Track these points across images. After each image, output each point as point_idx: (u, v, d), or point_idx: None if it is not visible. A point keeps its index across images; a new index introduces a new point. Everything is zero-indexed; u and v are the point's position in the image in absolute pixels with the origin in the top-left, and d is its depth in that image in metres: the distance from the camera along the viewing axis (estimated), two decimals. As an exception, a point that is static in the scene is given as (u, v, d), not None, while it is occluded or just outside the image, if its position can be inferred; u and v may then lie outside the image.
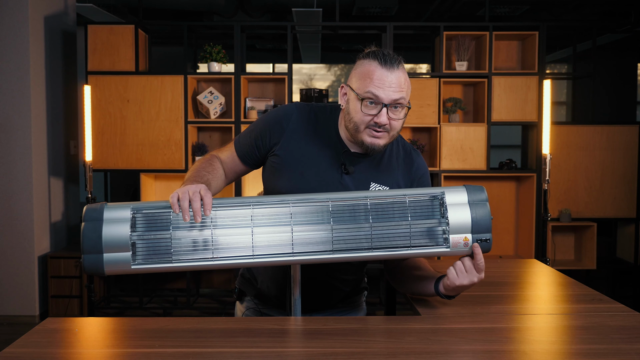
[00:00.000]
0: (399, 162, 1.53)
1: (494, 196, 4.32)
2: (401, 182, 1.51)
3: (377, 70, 1.36)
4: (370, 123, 1.37)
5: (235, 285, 1.67)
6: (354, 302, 1.65)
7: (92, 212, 1.28)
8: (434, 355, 1.13)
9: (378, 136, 1.39)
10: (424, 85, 4.12)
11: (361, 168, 1.47)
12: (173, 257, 1.27)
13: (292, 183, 1.43)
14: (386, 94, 1.35)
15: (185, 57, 4.24)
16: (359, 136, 1.40)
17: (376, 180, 1.47)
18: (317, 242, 1.29)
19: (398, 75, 1.37)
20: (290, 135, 1.46)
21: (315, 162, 1.45)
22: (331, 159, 1.46)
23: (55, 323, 1.33)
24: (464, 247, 1.33)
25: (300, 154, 1.45)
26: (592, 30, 4.41)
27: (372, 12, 5.64)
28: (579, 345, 1.21)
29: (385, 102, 1.36)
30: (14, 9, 3.97)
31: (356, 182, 1.46)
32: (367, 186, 1.47)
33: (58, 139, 4.39)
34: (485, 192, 1.35)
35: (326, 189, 1.42)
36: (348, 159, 1.46)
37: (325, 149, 1.46)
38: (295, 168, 1.45)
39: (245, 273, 1.64)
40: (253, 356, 1.12)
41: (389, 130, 1.39)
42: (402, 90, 1.38)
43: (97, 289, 4.16)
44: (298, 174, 1.44)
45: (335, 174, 1.45)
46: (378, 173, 1.49)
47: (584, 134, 4.30)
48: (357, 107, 1.38)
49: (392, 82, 1.36)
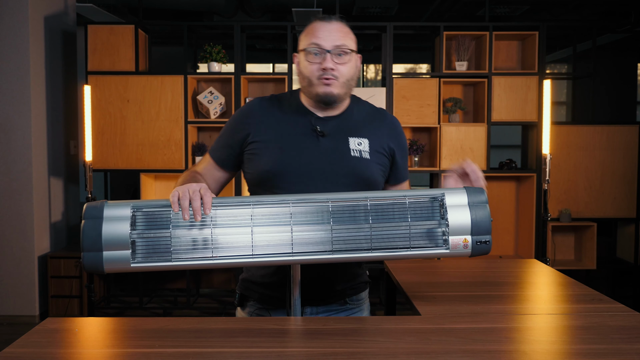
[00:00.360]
0: (370, 117, 1.59)
1: (494, 196, 4.32)
2: (378, 134, 1.56)
3: (317, 25, 1.48)
4: (319, 73, 1.46)
5: (236, 290, 1.66)
6: (358, 299, 1.62)
7: (92, 209, 1.28)
8: (434, 355, 1.13)
9: (329, 83, 1.46)
10: (424, 85, 4.12)
11: (334, 128, 1.52)
12: (173, 256, 1.27)
13: (274, 158, 1.48)
14: (327, 42, 1.45)
15: (185, 57, 4.24)
16: (313, 90, 1.48)
17: (352, 134, 1.53)
18: (316, 242, 1.29)
19: (337, 25, 1.48)
20: (259, 122, 1.53)
21: (290, 135, 1.50)
22: (304, 128, 1.51)
23: (55, 323, 1.33)
24: (463, 249, 1.32)
25: (274, 132, 1.51)
26: (592, 30, 4.41)
27: (372, 12, 5.64)
28: (579, 345, 1.21)
29: (327, 48, 1.45)
30: (14, 9, 3.97)
31: (333, 141, 1.50)
32: (346, 143, 1.51)
33: (58, 139, 4.39)
34: (485, 194, 1.36)
35: (306, 156, 1.48)
36: (319, 123, 1.52)
37: (295, 122, 1.53)
38: (274, 145, 1.49)
39: (248, 277, 1.62)
40: (253, 356, 1.12)
41: (338, 76, 1.46)
42: (343, 37, 1.47)
43: (97, 289, 4.16)
44: (277, 150, 1.49)
45: (311, 140, 1.50)
46: (352, 129, 1.54)
47: (584, 134, 4.30)
48: (305, 62, 1.48)
49: (332, 31, 1.46)
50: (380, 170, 1.55)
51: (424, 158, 4.36)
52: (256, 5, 5.61)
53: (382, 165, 1.55)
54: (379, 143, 1.55)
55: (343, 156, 1.49)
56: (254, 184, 1.55)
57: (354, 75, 1.50)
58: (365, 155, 1.51)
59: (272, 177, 1.48)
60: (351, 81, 1.50)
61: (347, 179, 1.49)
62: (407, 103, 4.13)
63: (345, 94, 1.51)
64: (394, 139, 1.58)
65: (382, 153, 1.55)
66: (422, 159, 4.35)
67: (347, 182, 1.48)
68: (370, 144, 1.53)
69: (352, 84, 1.51)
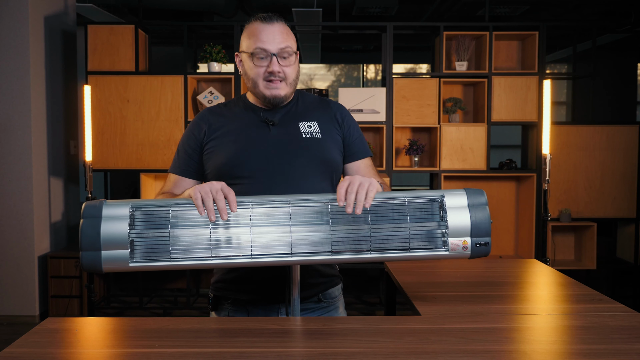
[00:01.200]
0: (316, 104, 1.63)
1: (494, 196, 4.32)
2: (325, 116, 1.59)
3: (260, 27, 1.50)
4: (265, 75, 1.50)
5: (210, 294, 1.61)
6: (332, 297, 1.58)
7: (91, 209, 1.28)
8: (434, 355, 1.13)
9: (276, 86, 1.51)
10: (424, 85, 4.12)
11: (283, 117, 1.56)
12: (171, 256, 1.27)
13: (228, 151, 1.51)
14: (272, 45, 1.48)
15: (185, 57, 4.24)
16: (259, 92, 1.52)
17: (301, 119, 1.57)
18: (315, 243, 1.29)
19: (280, 27, 1.51)
20: (211, 126, 1.57)
21: (241, 129, 1.55)
22: (254, 121, 1.56)
23: (55, 323, 1.33)
24: (462, 251, 1.32)
25: (226, 130, 1.55)
26: (592, 30, 4.41)
27: (372, 12, 5.64)
28: (579, 345, 1.21)
29: (273, 52, 1.48)
30: (14, 9, 3.97)
31: (283, 128, 1.54)
32: (296, 127, 1.55)
33: (58, 139, 4.39)
34: (485, 195, 1.35)
35: (259, 146, 1.51)
36: (267, 115, 1.56)
37: (245, 118, 1.57)
38: (227, 140, 1.53)
39: (227, 277, 1.55)
40: (253, 356, 1.12)
41: (284, 77, 1.51)
42: (286, 39, 1.50)
43: (97, 289, 4.16)
44: (231, 143, 1.52)
45: (262, 130, 1.54)
46: (300, 114, 1.58)
47: (584, 134, 4.30)
48: (251, 64, 1.51)
49: (276, 33, 1.49)
50: (335, 147, 1.57)
51: (424, 158, 4.36)
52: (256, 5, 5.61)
53: (335, 142, 1.57)
54: (329, 123, 1.58)
55: (295, 139, 1.53)
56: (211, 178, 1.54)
57: (297, 75, 1.56)
58: (317, 135, 1.55)
59: (229, 169, 1.50)
60: (295, 80, 1.55)
61: (304, 160, 1.51)
62: (407, 103, 4.13)
63: (291, 93, 1.56)
64: (342, 118, 1.62)
65: (333, 131, 1.58)
66: (422, 159, 4.35)
67: (304, 163, 1.51)
68: (319, 124, 1.57)
69: (296, 83, 1.57)
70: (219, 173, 1.51)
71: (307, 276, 1.53)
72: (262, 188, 1.47)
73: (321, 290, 1.57)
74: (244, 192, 1.43)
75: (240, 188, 1.46)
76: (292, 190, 1.46)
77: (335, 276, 1.63)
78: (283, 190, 1.46)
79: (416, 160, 4.19)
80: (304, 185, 1.49)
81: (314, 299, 1.57)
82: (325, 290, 1.58)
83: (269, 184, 1.48)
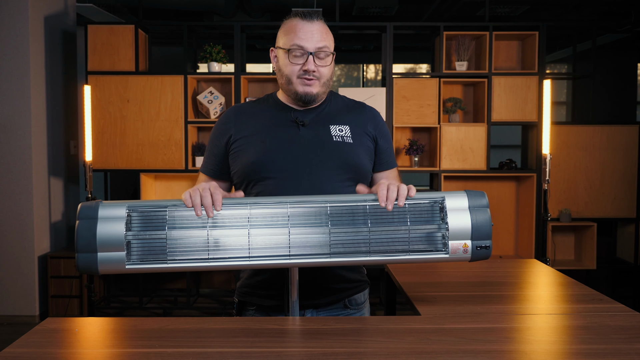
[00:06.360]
0: (349, 107, 1.60)
1: (494, 196, 4.32)
2: (358, 121, 1.57)
3: (299, 24, 1.49)
4: (300, 72, 1.47)
5: (234, 298, 1.60)
6: (358, 303, 1.58)
7: (87, 210, 1.26)
8: (434, 355, 1.13)
9: (309, 84, 1.48)
10: (424, 85, 4.12)
11: (314, 118, 1.54)
12: (168, 257, 1.26)
13: (257, 151, 1.49)
14: (310, 43, 1.46)
15: (185, 57, 4.24)
16: (292, 88, 1.50)
17: (332, 123, 1.54)
18: (314, 245, 1.28)
19: (319, 26, 1.49)
20: (239, 125, 1.54)
21: (270, 128, 1.52)
22: (284, 120, 1.53)
23: (55, 323, 1.33)
24: (463, 254, 1.31)
25: (254, 129, 1.53)
26: (592, 30, 4.41)
27: (372, 12, 5.64)
28: (579, 345, 1.21)
29: (310, 51, 1.46)
30: (14, 9, 3.97)
31: (314, 130, 1.52)
32: (327, 130, 1.52)
33: (58, 139, 4.39)
34: (486, 197, 1.34)
35: (289, 145, 1.48)
36: (299, 115, 1.53)
37: (274, 116, 1.55)
38: (256, 140, 1.51)
39: (251, 282, 1.55)
40: (253, 356, 1.12)
41: (319, 77, 1.49)
42: (324, 39, 1.49)
43: (97, 289, 4.15)
44: (259, 142, 1.50)
45: (292, 130, 1.51)
46: (332, 117, 1.55)
47: (584, 134, 4.30)
48: (286, 61, 1.49)
49: (314, 32, 1.48)
50: (365, 153, 1.54)
51: (424, 158, 4.36)
52: (256, 5, 5.61)
53: (366, 148, 1.54)
54: (361, 128, 1.55)
55: (326, 142, 1.50)
56: (241, 182, 1.53)
57: (332, 75, 1.54)
58: (348, 140, 1.52)
59: (257, 169, 1.48)
60: (330, 80, 1.53)
61: (333, 164, 1.48)
62: (407, 103, 4.13)
63: (324, 92, 1.53)
64: (375, 126, 1.59)
65: (364, 137, 1.55)
66: (422, 159, 4.35)
67: (333, 167, 1.48)
68: (351, 129, 1.54)
69: (330, 83, 1.55)
70: (245, 172, 1.50)
71: (331, 281, 1.51)
72: (288, 190, 1.45)
73: (347, 295, 1.54)
74: (268, 193, 1.44)
75: (265, 189, 1.46)
76: (317, 194, 1.44)
77: (362, 281, 1.59)
78: (308, 193, 1.43)
79: (416, 160, 4.19)
80: (331, 189, 1.47)
81: (339, 305, 1.54)
82: (351, 295, 1.55)
83: (295, 186, 1.45)
